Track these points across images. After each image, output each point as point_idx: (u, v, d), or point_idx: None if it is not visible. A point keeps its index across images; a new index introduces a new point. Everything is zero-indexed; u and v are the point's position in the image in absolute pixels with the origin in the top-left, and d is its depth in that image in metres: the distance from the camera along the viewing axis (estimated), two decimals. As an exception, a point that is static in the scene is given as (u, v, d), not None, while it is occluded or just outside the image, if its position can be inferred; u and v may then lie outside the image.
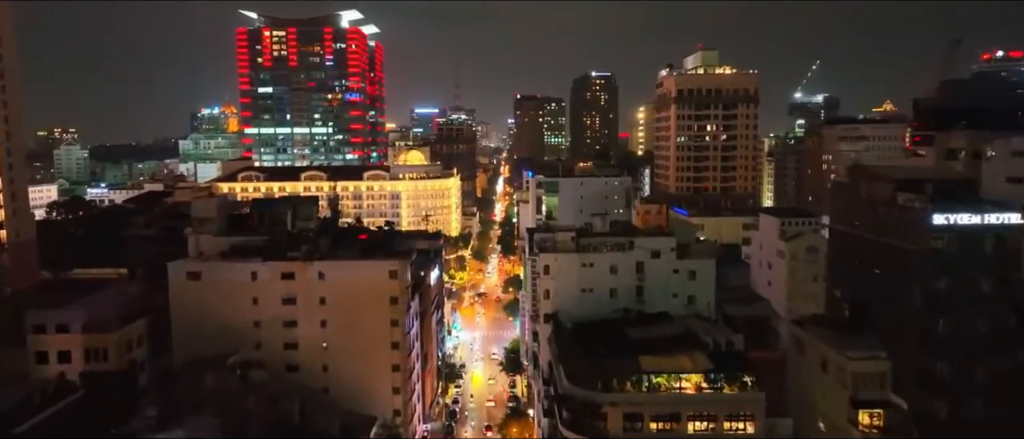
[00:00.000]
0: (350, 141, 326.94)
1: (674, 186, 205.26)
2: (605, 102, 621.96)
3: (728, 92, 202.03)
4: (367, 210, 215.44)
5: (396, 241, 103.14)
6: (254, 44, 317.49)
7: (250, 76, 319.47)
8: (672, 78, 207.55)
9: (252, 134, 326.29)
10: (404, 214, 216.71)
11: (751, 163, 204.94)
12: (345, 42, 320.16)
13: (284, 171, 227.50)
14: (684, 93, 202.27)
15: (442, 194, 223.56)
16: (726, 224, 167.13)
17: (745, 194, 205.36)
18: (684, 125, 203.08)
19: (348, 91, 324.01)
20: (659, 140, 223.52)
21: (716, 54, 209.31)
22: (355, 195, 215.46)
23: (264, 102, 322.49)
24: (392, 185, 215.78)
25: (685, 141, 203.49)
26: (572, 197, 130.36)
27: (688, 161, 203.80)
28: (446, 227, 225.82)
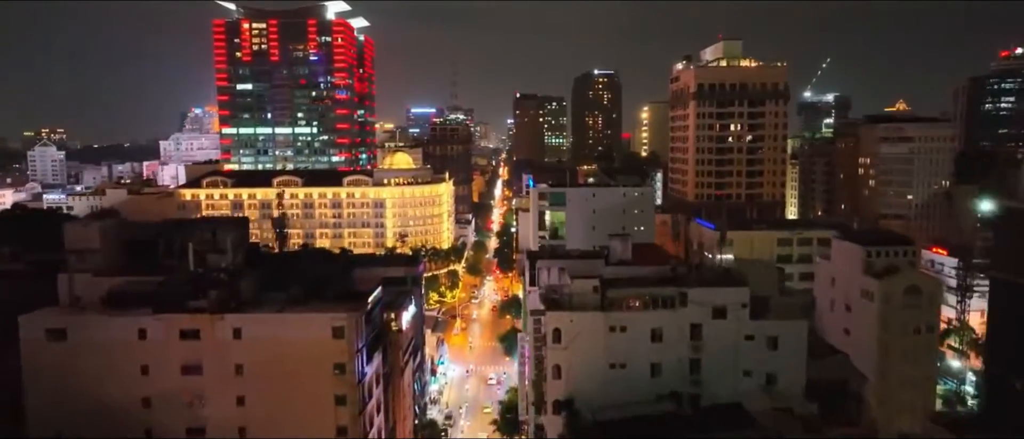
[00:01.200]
0: (336, 142, 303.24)
1: (693, 193, 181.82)
2: (608, 101, 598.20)
3: (754, 87, 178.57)
4: (347, 220, 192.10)
5: (355, 273, 79.42)
6: (232, 37, 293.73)
7: (228, 72, 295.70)
8: (691, 71, 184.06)
9: (230, 134, 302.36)
10: (389, 224, 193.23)
11: (779, 167, 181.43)
12: (331, 36, 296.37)
13: (254, 176, 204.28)
14: (705, 88, 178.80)
15: (432, 201, 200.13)
16: (758, 240, 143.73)
17: (772, 202, 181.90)
18: (704, 124, 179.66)
19: (334, 88, 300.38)
20: (674, 142, 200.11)
21: (740, 45, 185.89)
22: (334, 203, 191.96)
23: (243, 100, 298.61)
24: (375, 192, 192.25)
25: (705, 143, 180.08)
26: (582, 211, 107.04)
27: (709, 165, 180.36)
28: (437, 239, 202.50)
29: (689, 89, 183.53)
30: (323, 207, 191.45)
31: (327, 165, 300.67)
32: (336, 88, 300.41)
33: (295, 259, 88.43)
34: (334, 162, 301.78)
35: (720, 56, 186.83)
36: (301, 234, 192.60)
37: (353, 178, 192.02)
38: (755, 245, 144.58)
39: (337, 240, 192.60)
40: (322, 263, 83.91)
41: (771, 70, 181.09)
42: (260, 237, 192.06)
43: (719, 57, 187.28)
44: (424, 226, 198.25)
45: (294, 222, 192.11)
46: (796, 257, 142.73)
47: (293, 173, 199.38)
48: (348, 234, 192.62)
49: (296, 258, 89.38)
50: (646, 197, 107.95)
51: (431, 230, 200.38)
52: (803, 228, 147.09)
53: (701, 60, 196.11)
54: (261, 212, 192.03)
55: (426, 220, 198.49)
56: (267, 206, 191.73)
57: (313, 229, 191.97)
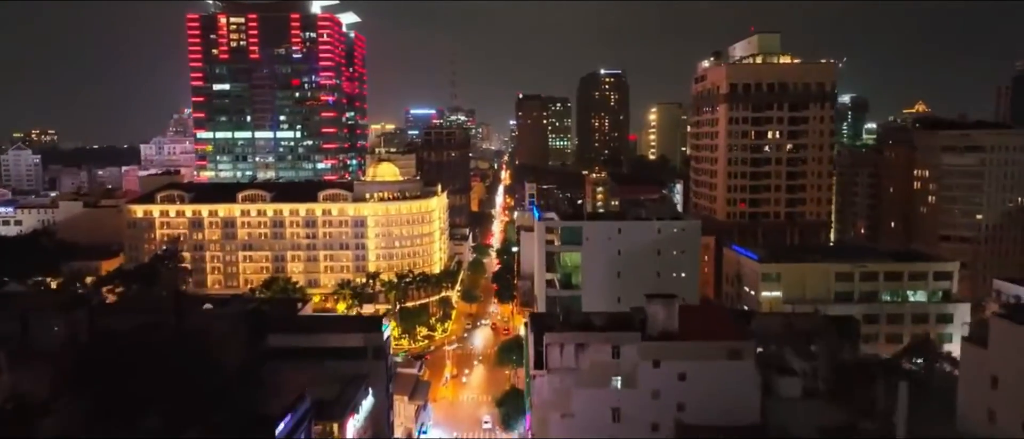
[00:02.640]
0: (322, 147, 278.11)
1: (723, 211, 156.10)
2: (615, 102, 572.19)
3: (796, 88, 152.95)
4: (322, 240, 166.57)
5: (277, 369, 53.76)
6: (208, 33, 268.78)
7: (204, 71, 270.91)
8: (722, 69, 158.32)
9: (206, 139, 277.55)
10: (371, 245, 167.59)
11: (824, 182, 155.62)
12: (316, 31, 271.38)
13: (216, 190, 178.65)
14: (738, 89, 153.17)
15: (422, 218, 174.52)
16: (811, 274, 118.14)
17: (817, 223, 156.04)
18: (737, 131, 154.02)
19: (319, 89, 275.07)
20: (699, 150, 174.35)
21: (777, 38, 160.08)
22: (307, 221, 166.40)
23: (220, 102, 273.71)
24: (355, 208, 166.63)
25: (738, 152, 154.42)
26: (604, 252, 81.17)
27: (742, 179, 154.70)
28: (427, 260, 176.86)
29: (719, 90, 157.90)
30: (295, 226, 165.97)
31: (312, 173, 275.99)
32: (322, 88, 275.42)
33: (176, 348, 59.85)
34: (320, 169, 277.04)
35: (754, 52, 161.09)
36: (268, 257, 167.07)
37: (329, 193, 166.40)
38: (807, 280, 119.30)
39: (311, 264, 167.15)
40: (230, 340, 57.99)
41: (816, 68, 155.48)
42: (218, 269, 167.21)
43: (753, 53, 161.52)
44: (412, 247, 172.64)
45: (261, 243, 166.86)
46: (858, 295, 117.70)
47: (261, 186, 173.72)
48: (323, 257, 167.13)
49: (181, 345, 60.16)
50: (689, 234, 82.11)
51: (420, 251, 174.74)
52: (864, 258, 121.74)
53: (730, 57, 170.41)
54: (224, 232, 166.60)
55: (414, 240, 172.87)
56: (231, 224, 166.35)
57: (283, 251, 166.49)
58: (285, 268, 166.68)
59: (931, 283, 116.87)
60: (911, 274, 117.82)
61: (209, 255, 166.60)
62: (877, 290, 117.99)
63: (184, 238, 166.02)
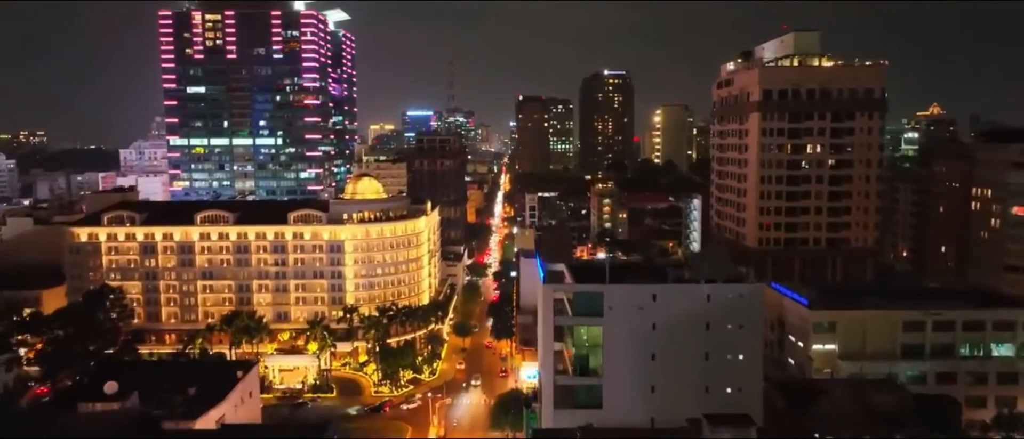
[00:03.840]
0: (305, 155, 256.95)
1: (754, 236, 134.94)
2: (619, 104, 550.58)
3: (839, 94, 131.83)
4: (294, 269, 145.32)
5: None
6: (181, 31, 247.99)
7: (177, 72, 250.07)
8: (754, 73, 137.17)
9: (180, 146, 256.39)
10: (349, 274, 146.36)
11: (871, 202, 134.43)
12: (298, 29, 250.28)
13: (173, 210, 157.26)
14: (772, 95, 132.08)
15: (408, 241, 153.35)
16: (873, 323, 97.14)
17: (863, 250, 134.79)
18: (771, 144, 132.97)
19: (303, 91, 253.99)
20: (723, 164, 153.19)
21: (817, 37, 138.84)
22: (276, 246, 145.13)
23: (195, 106, 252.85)
24: (332, 231, 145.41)
25: (773, 169, 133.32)
26: (633, 326, 59.68)
27: (777, 199, 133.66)
28: (414, 289, 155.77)
29: (750, 97, 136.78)
30: (261, 252, 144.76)
31: (294, 182, 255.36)
32: (305, 91, 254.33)
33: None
34: (303, 179, 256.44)
35: (788, 53, 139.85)
36: (231, 287, 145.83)
37: (301, 213, 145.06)
38: (868, 329, 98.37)
39: (280, 295, 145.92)
40: None
41: (863, 71, 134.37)
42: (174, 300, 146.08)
43: (786, 54, 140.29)
44: (397, 274, 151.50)
45: (223, 271, 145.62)
46: (930, 349, 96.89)
47: (223, 206, 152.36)
48: (294, 287, 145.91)
49: None
50: (749, 301, 60.57)
51: (406, 279, 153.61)
52: (935, 301, 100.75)
53: (759, 56, 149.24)
54: (180, 258, 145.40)
55: (399, 267, 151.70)
56: (188, 249, 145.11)
57: (248, 281, 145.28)
58: (250, 299, 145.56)
59: (1021, 334, 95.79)
60: (996, 323, 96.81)
61: (164, 285, 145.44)
62: (953, 342, 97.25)
63: (135, 265, 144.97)
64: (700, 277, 62.46)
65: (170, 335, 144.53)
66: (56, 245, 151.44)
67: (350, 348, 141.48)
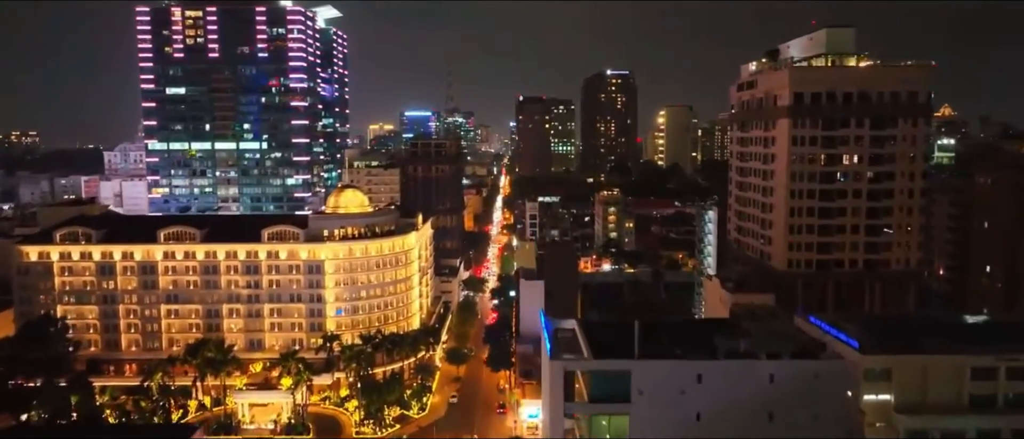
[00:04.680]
0: (292, 160, 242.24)
1: (782, 257, 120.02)
2: (622, 105, 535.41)
3: (880, 98, 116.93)
4: (268, 292, 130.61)
5: None
6: (160, 29, 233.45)
7: (155, 72, 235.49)
8: (782, 74, 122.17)
9: (158, 150, 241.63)
10: (329, 297, 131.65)
11: (915, 220, 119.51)
12: (285, 27, 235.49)
13: (134, 225, 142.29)
14: (804, 99, 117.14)
15: (396, 260, 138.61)
16: (935, 369, 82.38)
17: (905, 273, 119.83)
18: (803, 154, 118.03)
19: (289, 93, 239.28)
20: (744, 175, 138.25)
21: (851, 34, 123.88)
22: (248, 267, 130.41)
23: (174, 108, 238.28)
24: (310, 249, 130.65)
25: (804, 182, 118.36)
26: (672, 416, 44.69)
27: (808, 216, 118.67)
28: (403, 312, 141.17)
29: (778, 101, 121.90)
30: (232, 273, 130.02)
31: (281, 189, 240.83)
32: (292, 92, 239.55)
33: None
34: (290, 185, 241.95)
35: (819, 51, 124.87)
36: (198, 312, 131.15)
37: (276, 230, 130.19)
38: (929, 376, 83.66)
39: (252, 320, 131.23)
40: None
41: (907, 72, 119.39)
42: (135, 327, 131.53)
43: (817, 53, 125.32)
44: (383, 296, 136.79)
45: (189, 294, 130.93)
46: (1003, 400, 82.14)
47: (191, 220, 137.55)
48: (269, 312, 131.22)
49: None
50: (829, 382, 44.84)
51: (394, 301, 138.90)
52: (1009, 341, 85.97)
53: (785, 56, 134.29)
54: (142, 280, 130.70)
55: (387, 288, 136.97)
56: (151, 270, 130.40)
57: (217, 305, 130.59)
58: (220, 325, 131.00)
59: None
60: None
61: (123, 309, 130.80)
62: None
63: (91, 287, 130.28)
64: (759, 349, 47.65)
65: (131, 365, 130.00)
66: (11, 261, 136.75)
67: (330, 380, 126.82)
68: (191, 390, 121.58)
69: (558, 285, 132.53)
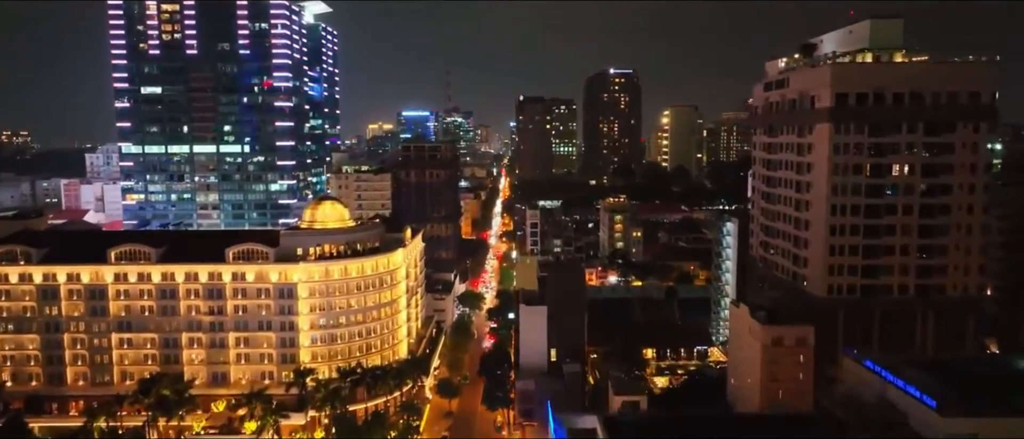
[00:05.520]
0: (276, 164, 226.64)
1: (821, 281, 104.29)
2: (626, 105, 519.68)
3: (936, 100, 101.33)
4: (233, 318, 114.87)
5: None
6: (133, 23, 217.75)
7: (129, 69, 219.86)
8: (821, 71, 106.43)
9: (133, 154, 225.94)
10: (303, 324, 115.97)
11: (975, 238, 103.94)
12: (268, 22, 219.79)
13: (83, 242, 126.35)
14: (848, 100, 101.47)
15: (380, 281, 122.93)
16: (1031, 432, 66.97)
17: (964, 301, 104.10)
18: (846, 162, 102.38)
19: (273, 92, 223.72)
20: (772, 185, 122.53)
21: (899, 26, 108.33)
22: (211, 291, 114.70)
23: (150, 108, 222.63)
24: (281, 271, 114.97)
25: (848, 195, 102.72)
26: None
27: (852, 235, 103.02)
28: (388, 339, 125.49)
29: (816, 101, 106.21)
30: (193, 297, 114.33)
31: (264, 194, 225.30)
32: (276, 92, 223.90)
33: None
34: (273, 191, 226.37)
35: (861, 46, 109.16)
36: (154, 341, 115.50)
37: (243, 248, 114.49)
38: (1020, 441, 68.52)
39: (216, 352, 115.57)
40: None
41: (967, 70, 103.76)
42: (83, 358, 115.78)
43: (859, 47, 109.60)
44: (366, 323, 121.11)
45: (144, 321, 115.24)
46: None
47: (145, 238, 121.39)
48: (235, 342, 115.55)
49: None
50: None
51: (378, 328, 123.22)
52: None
53: (820, 52, 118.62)
54: (90, 305, 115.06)
55: (369, 313, 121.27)
56: (100, 294, 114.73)
57: (175, 334, 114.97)
58: (179, 357, 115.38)
59: None
60: None
61: (69, 338, 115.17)
62: None
63: (32, 313, 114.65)
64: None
65: (77, 403, 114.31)
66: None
67: (303, 421, 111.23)
68: (143, 432, 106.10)
69: (563, 311, 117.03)
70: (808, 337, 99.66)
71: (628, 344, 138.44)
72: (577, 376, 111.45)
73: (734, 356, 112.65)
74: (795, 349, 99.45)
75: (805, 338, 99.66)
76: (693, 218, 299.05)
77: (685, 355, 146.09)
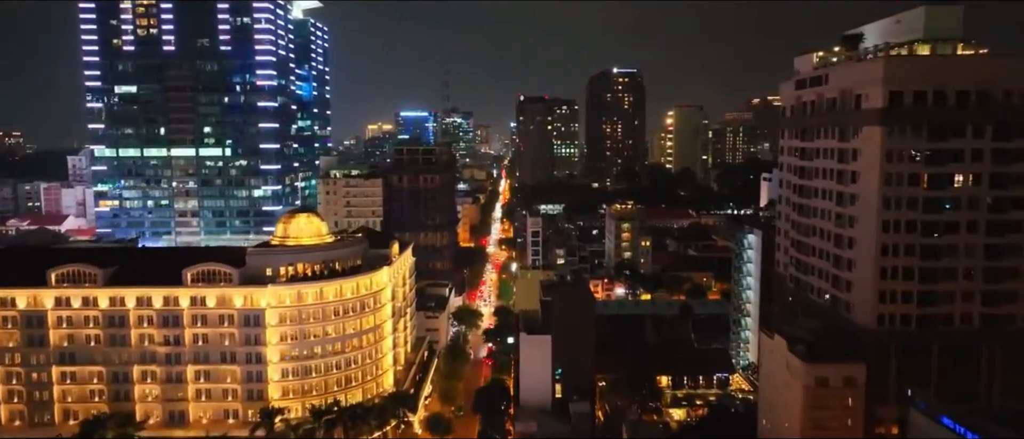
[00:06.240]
0: (259, 168, 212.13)
1: (870, 309, 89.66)
2: (629, 105, 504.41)
3: (1008, 99, 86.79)
4: (192, 350, 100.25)
5: None
6: (106, 18, 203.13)
7: (102, 67, 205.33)
8: (871, 65, 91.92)
9: (107, 157, 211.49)
10: (271, 355, 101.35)
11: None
12: (251, 16, 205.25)
13: (20, 261, 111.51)
14: (903, 99, 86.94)
15: (362, 305, 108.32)
16: None
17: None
18: (900, 171, 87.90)
19: (257, 92, 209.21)
20: (806, 195, 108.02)
21: (958, 12, 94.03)
22: (165, 318, 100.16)
23: (124, 108, 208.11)
24: (248, 295, 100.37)
25: (902, 209, 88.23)
26: None
27: (906, 256, 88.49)
28: (371, 371, 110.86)
29: (864, 100, 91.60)
30: (145, 325, 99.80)
31: (247, 201, 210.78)
32: (260, 91, 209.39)
33: None
34: (257, 197, 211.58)
35: (913, 37, 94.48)
36: (102, 375, 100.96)
37: (203, 269, 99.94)
38: None
39: (172, 387, 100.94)
40: None
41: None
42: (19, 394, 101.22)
43: (910, 38, 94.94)
44: (344, 353, 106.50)
45: (89, 353, 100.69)
46: None
47: (92, 257, 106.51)
48: (193, 376, 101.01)
49: None
50: None
51: (359, 358, 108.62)
52: None
53: (864, 43, 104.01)
54: (27, 334, 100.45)
55: (349, 342, 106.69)
56: (37, 322, 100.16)
57: (126, 367, 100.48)
58: (130, 393, 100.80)
59: None
60: None
61: (3, 372, 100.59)
62: None
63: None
64: None
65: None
66: None
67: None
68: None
69: (569, 340, 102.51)
70: (858, 377, 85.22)
71: (640, 370, 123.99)
72: (585, 417, 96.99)
73: (767, 394, 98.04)
74: (843, 391, 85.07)
75: (855, 378, 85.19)
76: (702, 224, 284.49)
77: (704, 383, 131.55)
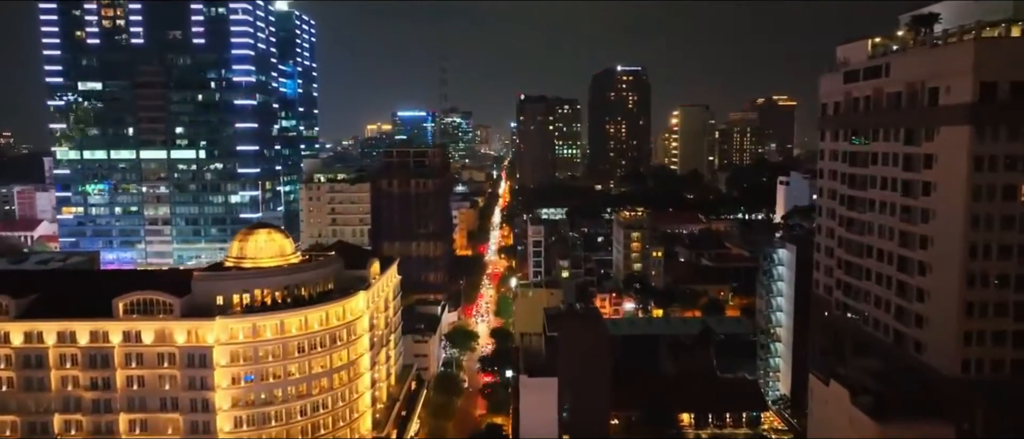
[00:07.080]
0: (236, 171, 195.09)
1: (953, 351, 72.66)
2: (634, 104, 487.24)
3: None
4: (124, 395, 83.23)
5: None
6: (70, 9, 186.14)
7: (63, 62, 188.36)
8: (961, 50, 75.01)
9: (70, 160, 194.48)
10: (221, 401, 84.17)
11: None
12: (226, 6, 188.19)
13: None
14: (998, 92, 70.09)
15: (333, 338, 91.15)
16: None
17: None
18: (992, 182, 71.12)
19: (233, 89, 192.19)
20: (857, 207, 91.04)
21: (1056, -14, 77.45)
22: (94, 358, 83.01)
23: (88, 106, 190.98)
24: (192, 329, 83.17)
25: (994, 228, 71.39)
26: None
27: (999, 288, 71.57)
28: (344, 415, 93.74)
29: (942, 94, 74.49)
30: (69, 365, 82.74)
31: (223, 207, 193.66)
32: (236, 89, 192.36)
33: None
34: (234, 203, 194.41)
35: (999, 17, 77.38)
36: (16, 425, 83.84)
37: (137, 298, 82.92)
38: None
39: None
40: None
41: None
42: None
43: (996, 19, 77.79)
44: (311, 396, 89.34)
45: (4, 400, 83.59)
46: None
47: (9, 283, 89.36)
48: (127, 427, 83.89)
49: None
50: None
51: (329, 400, 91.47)
52: None
53: (938, 22, 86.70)
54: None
55: (317, 382, 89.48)
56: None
57: (45, 416, 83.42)
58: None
59: None
60: None
61: None
62: None
63: None
64: None
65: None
66: None
67: (219, 540, 79.61)
68: None
69: (580, 384, 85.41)
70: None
71: (657, 405, 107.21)
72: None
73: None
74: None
75: (935, 446, 68.10)
76: (714, 230, 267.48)
77: (731, 421, 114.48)
